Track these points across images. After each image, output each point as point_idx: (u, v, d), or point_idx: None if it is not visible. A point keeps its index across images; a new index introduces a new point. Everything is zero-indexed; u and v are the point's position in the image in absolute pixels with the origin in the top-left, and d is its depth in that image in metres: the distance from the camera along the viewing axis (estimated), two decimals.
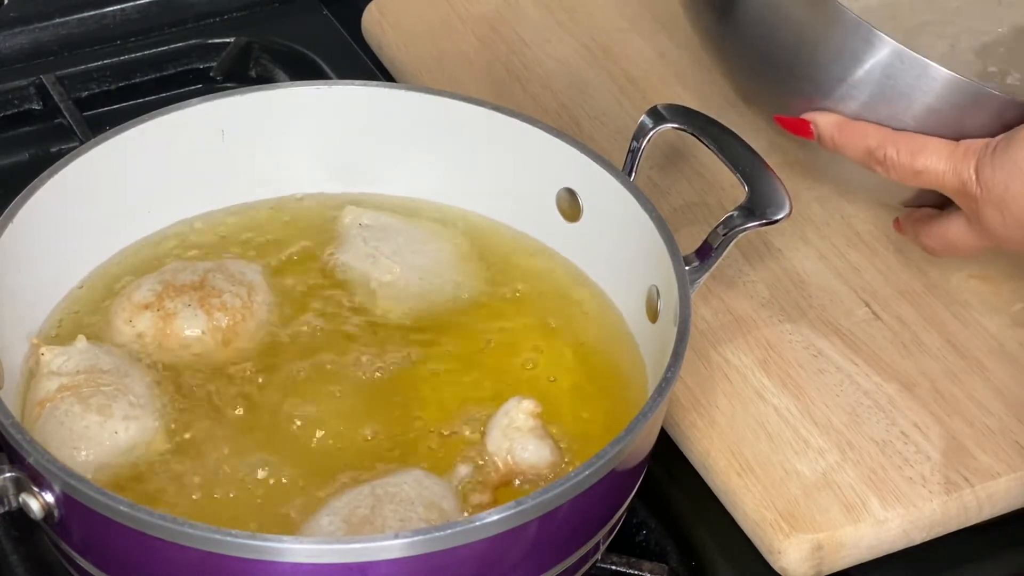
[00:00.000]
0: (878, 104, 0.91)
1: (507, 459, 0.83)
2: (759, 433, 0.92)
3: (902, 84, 0.90)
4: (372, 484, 0.81)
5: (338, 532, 0.78)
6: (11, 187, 0.89)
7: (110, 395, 0.84)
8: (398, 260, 0.94)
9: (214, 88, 1.19)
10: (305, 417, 0.86)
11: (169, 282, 0.90)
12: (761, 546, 0.89)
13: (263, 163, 0.98)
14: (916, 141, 0.91)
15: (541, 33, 1.19)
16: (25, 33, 1.20)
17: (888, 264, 1.02)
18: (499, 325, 0.93)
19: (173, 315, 0.89)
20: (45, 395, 0.84)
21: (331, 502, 0.81)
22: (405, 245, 0.95)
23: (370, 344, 0.90)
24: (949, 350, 0.97)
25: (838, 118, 0.93)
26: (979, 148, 0.89)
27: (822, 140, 0.94)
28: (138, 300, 0.90)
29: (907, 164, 0.91)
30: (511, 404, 0.84)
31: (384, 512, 0.79)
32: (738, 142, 0.92)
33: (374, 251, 0.95)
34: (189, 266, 0.92)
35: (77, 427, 0.82)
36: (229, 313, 0.89)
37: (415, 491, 0.80)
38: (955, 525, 0.90)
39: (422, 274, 0.94)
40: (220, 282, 0.90)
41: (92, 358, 0.86)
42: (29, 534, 0.87)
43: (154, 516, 0.73)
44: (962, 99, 0.90)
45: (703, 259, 0.89)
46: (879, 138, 0.92)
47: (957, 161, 0.90)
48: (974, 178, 0.89)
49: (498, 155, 0.96)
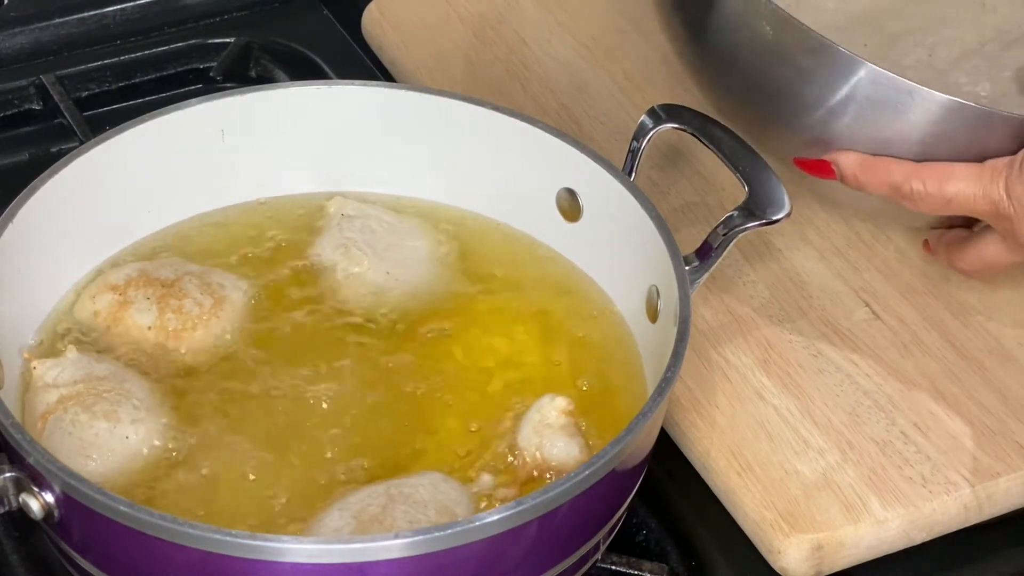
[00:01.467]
0: (863, 125, 0.91)
1: (536, 455, 0.83)
2: (759, 433, 0.92)
3: (881, 102, 0.89)
4: (388, 483, 0.81)
5: (347, 527, 0.78)
6: (11, 187, 0.89)
7: (114, 401, 0.84)
8: (369, 252, 0.94)
9: (214, 88, 1.19)
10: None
11: (146, 273, 0.91)
12: (761, 546, 0.89)
13: (263, 163, 0.98)
14: (942, 170, 0.90)
15: (541, 33, 1.19)
16: (25, 33, 1.20)
17: (888, 264, 1.02)
18: (499, 325, 0.93)
19: (130, 303, 0.89)
20: (46, 408, 0.83)
21: (346, 497, 0.81)
22: (382, 238, 0.95)
23: (338, 339, 0.90)
24: (949, 350, 0.97)
25: (860, 156, 0.92)
26: (1004, 167, 0.89)
27: (845, 179, 0.93)
28: (111, 280, 0.91)
29: (936, 194, 0.90)
30: (544, 401, 0.84)
31: (395, 512, 0.79)
32: (738, 142, 0.92)
33: (347, 241, 0.95)
34: (176, 264, 0.92)
35: (87, 435, 0.82)
36: (182, 318, 0.89)
37: (430, 494, 0.80)
38: (955, 525, 0.90)
39: (392, 267, 0.94)
40: (191, 287, 0.90)
41: (86, 366, 0.85)
42: (29, 534, 0.87)
43: (154, 516, 0.73)
44: (940, 115, 0.89)
45: (703, 259, 0.89)
46: (904, 173, 0.91)
47: (985, 183, 0.89)
48: (1005, 197, 0.88)
49: (498, 155, 0.96)
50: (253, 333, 0.91)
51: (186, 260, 0.93)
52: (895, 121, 0.90)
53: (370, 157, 0.99)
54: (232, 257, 0.95)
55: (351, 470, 0.84)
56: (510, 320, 0.93)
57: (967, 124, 0.89)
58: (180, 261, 0.93)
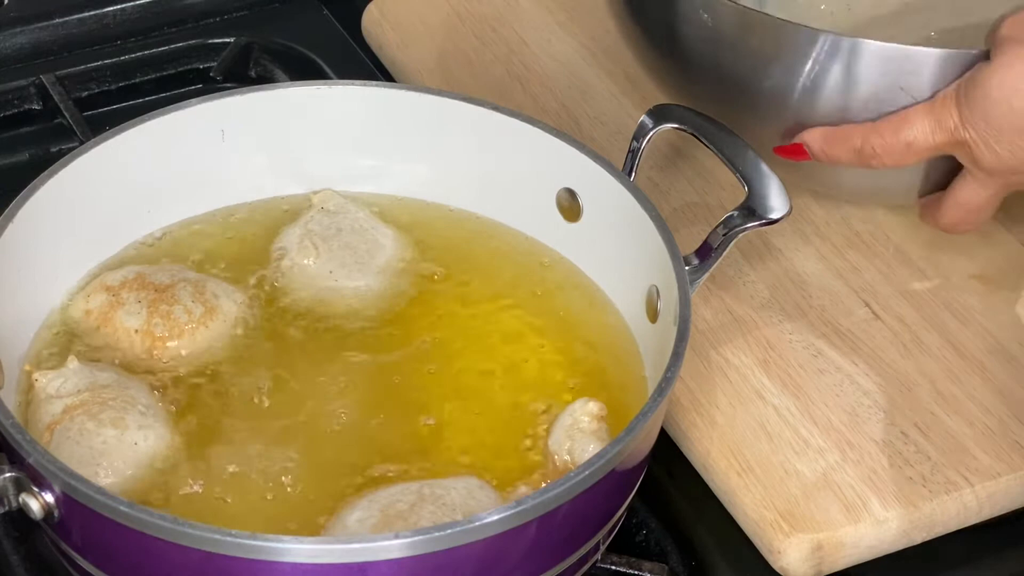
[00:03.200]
0: (820, 95, 0.93)
1: (565, 458, 0.83)
2: (759, 433, 0.92)
3: (837, 66, 0.91)
4: (422, 483, 0.81)
5: (371, 520, 0.78)
6: (11, 187, 0.89)
7: (119, 408, 0.83)
8: (324, 247, 0.94)
9: (214, 88, 1.19)
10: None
11: (142, 275, 0.91)
12: (761, 546, 0.89)
13: (263, 163, 0.98)
14: (896, 119, 0.92)
15: (541, 33, 1.19)
16: (25, 33, 1.20)
17: (888, 264, 1.02)
18: (500, 325, 0.93)
19: (121, 304, 0.89)
20: (52, 419, 0.83)
21: (377, 491, 0.81)
22: (345, 237, 0.95)
23: None
24: (949, 350, 0.97)
25: (822, 130, 0.94)
26: (952, 92, 0.90)
27: (815, 156, 0.94)
28: (107, 281, 0.91)
29: (895, 143, 0.92)
30: (577, 405, 0.85)
31: (422, 511, 0.79)
32: (738, 142, 0.92)
33: (308, 232, 0.95)
34: (175, 270, 0.92)
35: (95, 444, 0.82)
36: (168, 324, 0.89)
37: (461, 498, 0.80)
38: (955, 525, 0.90)
39: (336, 268, 0.94)
40: (184, 295, 0.90)
41: (88, 376, 0.85)
42: (29, 534, 0.87)
43: (154, 516, 0.73)
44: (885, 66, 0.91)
45: (703, 259, 0.89)
46: (862, 133, 0.93)
47: (938, 114, 0.91)
48: (959, 122, 0.90)
49: (498, 155, 0.96)
50: (243, 339, 0.91)
51: (186, 267, 0.93)
52: (845, 83, 0.92)
53: (370, 157, 0.99)
54: (222, 263, 0.95)
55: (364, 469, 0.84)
56: (510, 320, 0.93)
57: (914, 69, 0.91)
58: (180, 268, 0.93)
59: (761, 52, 0.94)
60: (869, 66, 0.91)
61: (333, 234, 0.95)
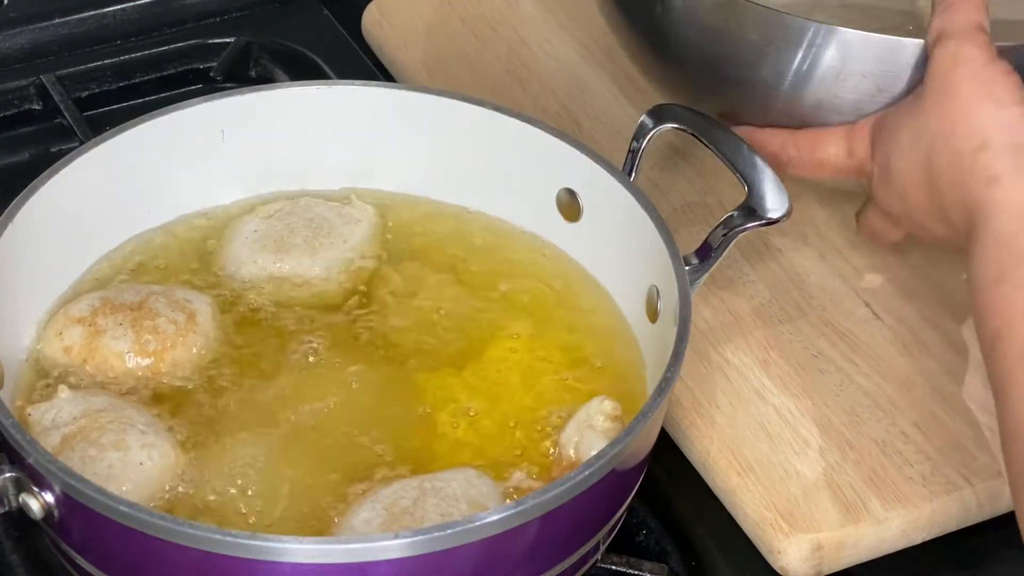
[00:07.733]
0: (809, 83, 0.92)
1: (571, 453, 0.84)
2: (759, 433, 0.92)
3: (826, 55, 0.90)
4: (422, 478, 0.81)
5: (378, 519, 0.79)
6: (11, 187, 0.89)
7: (118, 430, 0.82)
8: (281, 243, 0.94)
9: (214, 88, 1.19)
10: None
11: (109, 300, 0.89)
12: (761, 546, 0.89)
13: (263, 163, 0.98)
14: (814, 135, 0.92)
15: (541, 33, 1.19)
16: (25, 33, 1.20)
17: (888, 264, 1.02)
18: (497, 323, 0.93)
19: (103, 332, 0.87)
20: (52, 451, 0.81)
21: (380, 490, 0.81)
22: (311, 230, 0.95)
23: None
24: (949, 350, 0.97)
25: (747, 129, 0.95)
26: (870, 124, 0.90)
27: None
28: (73, 314, 0.88)
29: (809, 159, 0.93)
30: (593, 402, 0.85)
31: (426, 505, 0.79)
32: (738, 142, 0.92)
33: (276, 222, 0.95)
34: (135, 287, 0.91)
35: (100, 470, 0.81)
36: (160, 338, 0.88)
37: (462, 488, 0.80)
38: (955, 525, 0.90)
39: (283, 263, 0.94)
40: (160, 306, 0.89)
41: (82, 403, 0.84)
42: (29, 534, 0.87)
43: (154, 516, 0.73)
44: (850, 52, 0.90)
45: (703, 259, 0.89)
46: (779, 140, 0.94)
47: (852, 142, 0.91)
48: (869, 156, 0.89)
49: (498, 155, 0.96)
50: (229, 338, 0.90)
51: (143, 283, 0.92)
52: (806, 67, 0.91)
53: (370, 157, 0.99)
54: (182, 271, 0.94)
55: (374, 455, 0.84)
56: (508, 318, 0.93)
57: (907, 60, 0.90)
58: (139, 284, 0.92)
59: (744, 40, 0.93)
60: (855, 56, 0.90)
61: (296, 228, 0.95)
